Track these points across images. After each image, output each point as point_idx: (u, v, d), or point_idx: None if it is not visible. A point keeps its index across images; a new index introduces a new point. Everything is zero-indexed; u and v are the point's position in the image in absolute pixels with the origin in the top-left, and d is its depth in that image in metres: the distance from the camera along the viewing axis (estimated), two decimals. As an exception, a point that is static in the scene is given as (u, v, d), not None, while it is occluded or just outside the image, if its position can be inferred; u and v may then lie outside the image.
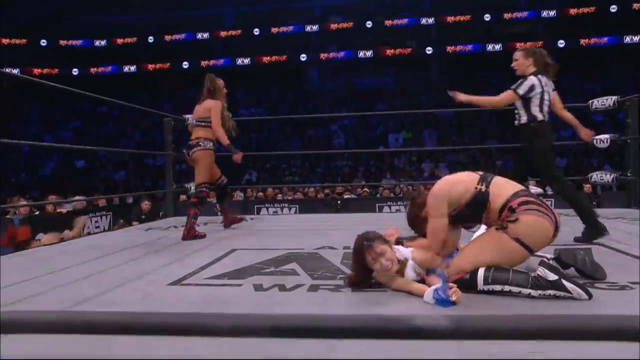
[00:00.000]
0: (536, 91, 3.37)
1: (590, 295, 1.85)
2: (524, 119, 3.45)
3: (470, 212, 2.12)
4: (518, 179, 3.25)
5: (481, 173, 2.16)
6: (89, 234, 6.58)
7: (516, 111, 3.51)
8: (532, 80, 3.37)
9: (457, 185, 2.12)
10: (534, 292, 1.89)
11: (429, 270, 2.13)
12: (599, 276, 2.17)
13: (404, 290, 2.04)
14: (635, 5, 20.65)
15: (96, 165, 19.40)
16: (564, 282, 1.86)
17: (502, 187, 2.07)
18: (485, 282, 1.95)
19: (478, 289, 1.96)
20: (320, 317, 0.91)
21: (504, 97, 3.44)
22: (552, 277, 1.87)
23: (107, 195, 14.02)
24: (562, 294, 1.86)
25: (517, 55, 3.52)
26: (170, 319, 0.90)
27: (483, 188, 2.08)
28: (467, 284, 1.96)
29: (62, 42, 23.23)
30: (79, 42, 23.41)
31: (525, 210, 1.97)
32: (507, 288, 1.91)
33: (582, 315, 0.85)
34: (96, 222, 7.17)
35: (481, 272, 1.96)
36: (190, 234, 3.85)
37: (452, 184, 2.14)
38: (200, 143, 4.06)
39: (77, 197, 9.15)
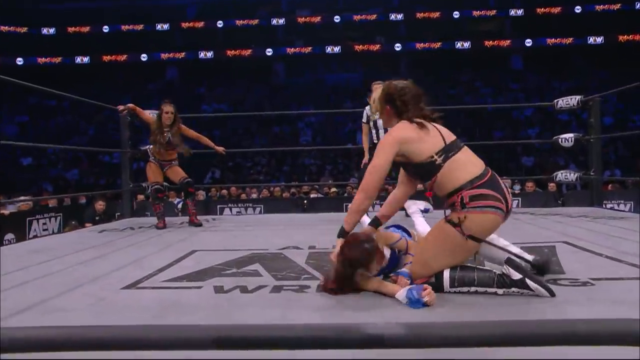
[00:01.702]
0: None
1: (552, 294, 1.89)
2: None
3: (418, 173, 2.09)
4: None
5: (450, 141, 2.02)
6: (35, 236, 6.24)
7: (376, 131, 4.33)
8: None
9: (417, 142, 2.00)
10: (499, 291, 1.93)
11: (395, 271, 2.13)
12: (551, 270, 2.25)
13: (376, 292, 2.00)
14: (598, 7, 21.33)
15: (44, 163, 18.20)
16: (528, 281, 1.90)
17: (460, 169, 1.97)
18: (452, 284, 1.96)
19: (445, 290, 1.96)
20: (269, 327, 0.91)
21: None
22: (516, 276, 1.91)
23: (56, 195, 13.20)
24: (525, 291, 1.91)
25: (379, 86, 4.07)
26: (114, 333, 0.89)
27: (439, 161, 1.98)
28: (433, 287, 1.91)
29: (4, 28, 21.78)
30: (24, 29, 22.05)
31: (475, 208, 1.93)
32: (473, 289, 1.95)
33: (578, 320, 0.88)
34: (44, 224, 6.83)
35: (446, 274, 1.97)
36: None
37: (412, 141, 2.00)
38: None
39: (22, 198, 8.54)
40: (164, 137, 4.55)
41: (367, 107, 4.39)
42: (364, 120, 4.47)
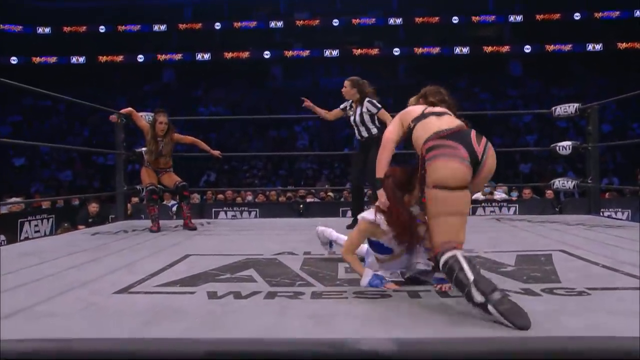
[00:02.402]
0: None
1: (522, 327, 1.66)
2: (374, 131, 4.40)
3: (409, 141, 2.27)
4: (359, 184, 4.72)
5: (424, 111, 2.20)
6: (27, 238, 6.17)
7: (363, 127, 4.42)
8: None
9: (407, 115, 2.27)
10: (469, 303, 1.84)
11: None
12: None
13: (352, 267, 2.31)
14: (597, 14, 21.29)
15: (37, 164, 18.02)
16: (489, 307, 1.73)
17: (425, 129, 2.11)
18: (443, 267, 1.92)
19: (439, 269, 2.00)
20: (262, 341, 0.95)
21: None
22: (479, 299, 1.76)
23: (49, 196, 13.05)
24: (487, 316, 1.75)
25: (346, 84, 4.49)
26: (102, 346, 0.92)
27: (412, 125, 2.19)
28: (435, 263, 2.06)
29: (-2, 27, 21.64)
30: (19, 27, 21.83)
31: (430, 159, 1.99)
32: (448, 285, 1.99)
33: (568, 337, 0.95)
34: (36, 225, 6.70)
35: (447, 255, 1.90)
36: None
37: (406, 113, 2.29)
38: None
39: (13, 199, 8.47)
40: (157, 147, 4.62)
41: (346, 102, 4.66)
42: (341, 107, 4.73)
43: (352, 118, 4.55)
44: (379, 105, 4.41)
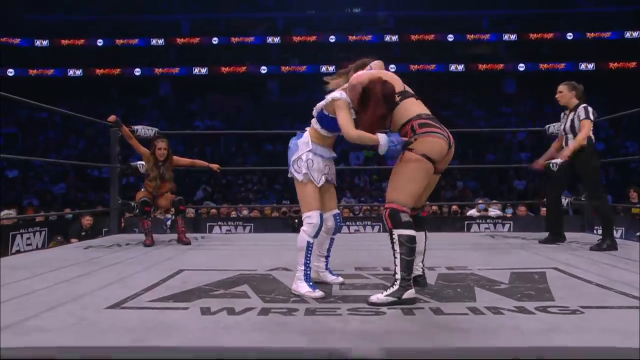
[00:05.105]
0: None
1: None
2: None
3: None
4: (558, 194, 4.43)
5: (406, 90, 2.55)
6: (18, 252, 5.99)
7: (572, 134, 4.05)
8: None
9: (385, 76, 2.52)
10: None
11: None
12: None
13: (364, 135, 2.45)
14: (589, 35, 21.62)
15: (31, 176, 17.90)
16: (396, 287, 2.26)
17: (413, 106, 2.48)
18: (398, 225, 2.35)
19: (394, 231, 2.32)
20: (245, 350, 0.96)
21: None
22: (398, 276, 2.27)
23: (42, 209, 12.93)
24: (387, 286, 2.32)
25: (562, 88, 4.19)
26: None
27: (397, 99, 2.48)
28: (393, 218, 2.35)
29: (-4, 39, 21.69)
30: (17, 40, 21.87)
31: (424, 133, 2.38)
32: (397, 253, 2.30)
33: (548, 348, 0.97)
34: (28, 239, 6.53)
35: (402, 232, 2.31)
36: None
37: (383, 75, 2.53)
38: None
39: (5, 212, 8.34)
40: (159, 172, 4.70)
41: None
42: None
43: (562, 126, 4.18)
44: (590, 115, 4.00)
